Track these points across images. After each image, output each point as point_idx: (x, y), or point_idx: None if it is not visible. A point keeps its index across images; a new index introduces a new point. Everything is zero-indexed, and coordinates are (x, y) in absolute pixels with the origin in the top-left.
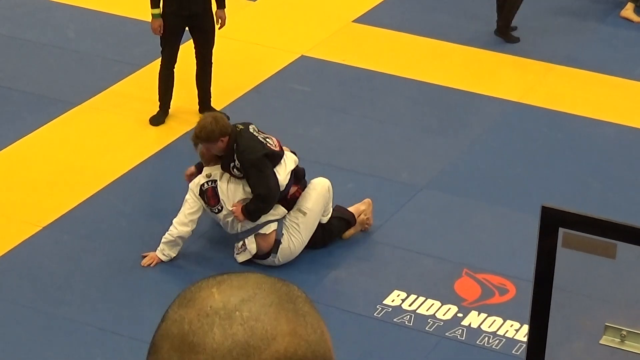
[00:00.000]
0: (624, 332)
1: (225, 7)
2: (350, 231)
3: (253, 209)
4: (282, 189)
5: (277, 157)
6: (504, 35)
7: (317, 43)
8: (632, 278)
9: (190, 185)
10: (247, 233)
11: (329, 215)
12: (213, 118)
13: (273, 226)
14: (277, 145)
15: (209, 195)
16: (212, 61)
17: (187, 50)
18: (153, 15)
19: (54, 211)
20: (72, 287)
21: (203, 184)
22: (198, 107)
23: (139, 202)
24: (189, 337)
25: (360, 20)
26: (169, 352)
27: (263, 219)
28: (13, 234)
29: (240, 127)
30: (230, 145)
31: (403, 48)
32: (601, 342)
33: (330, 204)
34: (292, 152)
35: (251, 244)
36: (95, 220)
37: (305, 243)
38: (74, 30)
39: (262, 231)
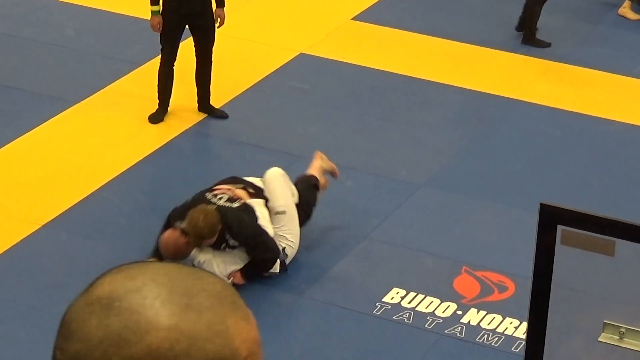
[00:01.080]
0: (623, 330)
1: (224, 5)
2: (320, 192)
3: (257, 273)
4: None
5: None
6: (532, 41)
7: (316, 41)
8: (631, 275)
9: None
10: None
11: (297, 194)
12: (204, 212)
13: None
14: (231, 191)
15: None
16: (212, 59)
17: (186, 48)
18: (152, 13)
19: (53, 209)
20: (71, 286)
21: None
22: (197, 105)
23: (138, 200)
24: (72, 323)
25: (359, 17)
26: (58, 338)
27: None
28: (12, 232)
29: (210, 205)
30: (222, 229)
31: (402, 46)
32: (600, 339)
33: (292, 185)
34: (246, 190)
35: None
36: (94, 218)
37: (299, 230)
38: (73, 29)
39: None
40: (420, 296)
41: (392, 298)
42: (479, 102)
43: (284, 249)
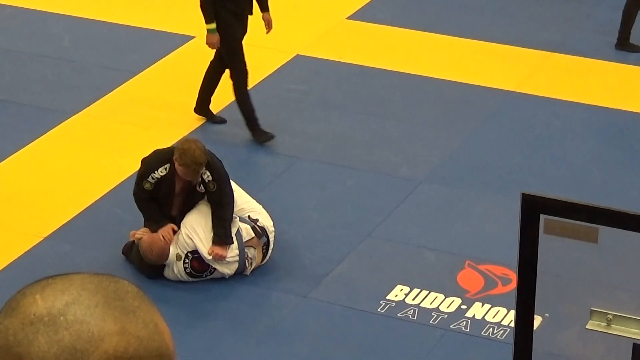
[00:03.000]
0: (610, 316)
1: (269, 9)
2: None
3: (227, 228)
4: None
5: None
6: (626, 46)
7: (312, 42)
8: (615, 261)
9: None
10: (244, 263)
11: None
12: (193, 142)
13: (247, 227)
14: None
15: (196, 267)
16: None
17: (186, 53)
18: (209, 31)
19: (55, 221)
20: None
21: (186, 268)
22: (195, 106)
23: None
24: (14, 348)
25: (354, 16)
26: None
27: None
28: (14, 246)
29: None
30: None
31: (398, 43)
32: (587, 326)
33: None
34: None
35: (254, 256)
36: (96, 229)
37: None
38: (69, 40)
39: (248, 243)
40: (424, 292)
41: (396, 295)
42: (477, 96)
43: (256, 220)
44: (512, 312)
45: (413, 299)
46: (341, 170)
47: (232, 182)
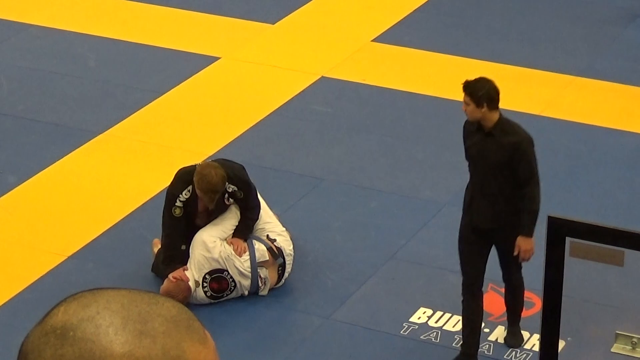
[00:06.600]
0: (635, 340)
1: (528, 234)
2: None
3: (251, 227)
4: None
5: None
6: None
7: (337, 64)
8: None
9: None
10: (257, 282)
11: None
12: (213, 167)
13: (263, 249)
14: None
15: (215, 288)
16: (522, 286)
17: (211, 74)
18: None
19: (79, 240)
20: None
21: (206, 292)
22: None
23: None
24: (28, 355)
25: (379, 39)
26: None
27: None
28: (38, 264)
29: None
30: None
31: (422, 66)
32: (613, 350)
33: None
34: None
35: (266, 276)
36: (119, 248)
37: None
38: (94, 60)
39: (262, 264)
40: (447, 315)
41: (419, 318)
42: None
43: (274, 240)
44: (535, 336)
45: (436, 322)
46: (365, 192)
47: (260, 198)
